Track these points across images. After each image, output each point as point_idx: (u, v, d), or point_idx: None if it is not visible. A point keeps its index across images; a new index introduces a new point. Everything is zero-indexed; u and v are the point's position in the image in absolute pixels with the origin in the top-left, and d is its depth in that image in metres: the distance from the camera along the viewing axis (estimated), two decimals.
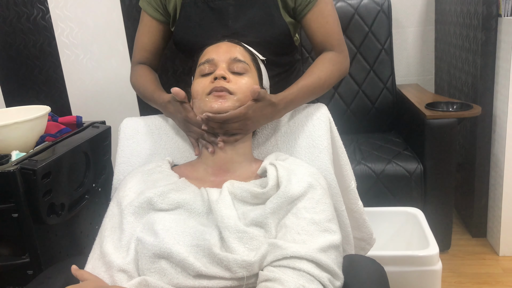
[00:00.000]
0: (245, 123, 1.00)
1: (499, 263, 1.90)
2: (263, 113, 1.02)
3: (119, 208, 0.95)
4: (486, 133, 1.94)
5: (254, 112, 1.00)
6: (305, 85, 1.10)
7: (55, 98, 2.05)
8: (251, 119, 1.00)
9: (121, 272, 0.85)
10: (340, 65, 1.17)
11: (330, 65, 1.14)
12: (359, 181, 1.27)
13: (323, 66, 1.14)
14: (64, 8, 1.94)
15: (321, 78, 1.12)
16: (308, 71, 1.13)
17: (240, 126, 1.00)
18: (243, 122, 1.00)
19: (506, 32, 1.75)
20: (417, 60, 2.51)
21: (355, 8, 2.21)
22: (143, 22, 1.28)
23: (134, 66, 1.29)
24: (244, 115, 0.99)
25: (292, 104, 1.08)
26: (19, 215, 1.15)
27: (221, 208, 0.89)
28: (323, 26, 1.18)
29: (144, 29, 1.28)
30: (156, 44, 1.29)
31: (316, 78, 1.11)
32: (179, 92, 1.04)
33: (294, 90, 1.08)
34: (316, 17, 1.18)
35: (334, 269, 0.84)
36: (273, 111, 1.03)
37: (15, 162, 1.17)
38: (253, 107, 0.99)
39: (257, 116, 1.01)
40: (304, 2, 1.17)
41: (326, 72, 1.13)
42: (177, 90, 1.04)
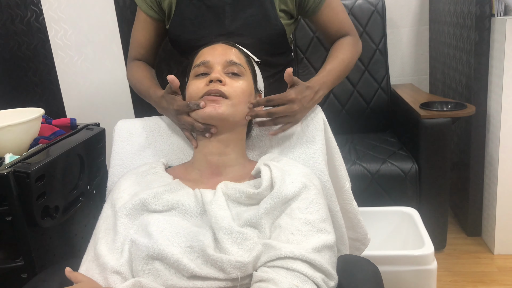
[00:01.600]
0: (291, 107, 1.03)
1: (494, 262, 1.90)
2: (304, 96, 1.05)
3: (113, 210, 0.95)
4: (480, 132, 1.94)
5: (297, 94, 1.03)
6: (332, 68, 1.16)
7: (49, 100, 2.04)
8: (296, 101, 1.03)
9: (115, 273, 0.85)
10: (357, 47, 1.26)
11: (350, 47, 1.23)
12: (354, 181, 1.28)
13: (344, 49, 1.22)
14: (58, 10, 1.94)
15: (345, 60, 1.19)
16: (332, 56, 1.21)
17: (287, 110, 1.03)
18: (289, 106, 1.02)
19: (499, 32, 1.76)
20: (412, 60, 2.52)
21: (350, 9, 2.21)
22: (139, 18, 1.29)
23: (130, 63, 1.30)
24: (287, 97, 1.02)
25: (325, 86, 1.12)
26: (13, 218, 1.14)
27: (215, 209, 0.89)
28: (336, 18, 1.25)
29: (139, 26, 1.29)
30: (151, 41, 1.29)
31: (340, 61, 1.18)
32: (174, 79, 1.04)
33: (324, 73, 1.14)
34: (328, 11, 1.24)
35: (328, 269, 0.84)
36: (311, 93, 1.07)
37: (8, 165, 1.16)
38: (293, 90, 1.03)
39: (300, 99, 1.03)
40: (314, 5, 1.22)
41: (348, 54, 1.21)
42: (172, 77, 1.04)
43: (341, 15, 1.25)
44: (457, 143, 2.13)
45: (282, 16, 1.21)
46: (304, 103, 1.05)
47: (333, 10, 1.24)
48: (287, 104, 1.03)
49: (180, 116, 1.05)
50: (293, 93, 1.02)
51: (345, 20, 1.26)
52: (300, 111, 1.06)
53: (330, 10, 1.24)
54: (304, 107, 1.06)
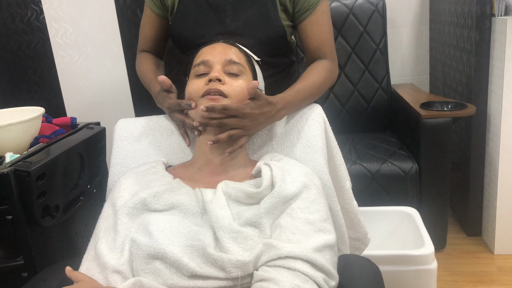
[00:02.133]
0: (243, 121, 0.99)
1: (494, 262, 1.90)
2: (262, 112, 1.01)
3: (114, 209, 0.95)
4: (480, 132, 1.94)
5: (252, 109, 0.99)
6: (301, 88, 1.11)
7: (49, 99, 2.04)
8: (249, 117, 0.99)
9: (115, 273, 0.85)
10: (332, 73, 1.20)
11: (324, 71, 1.17)
12: (354, 180, 1.28)
13: (317, 72, 1.17)
14: (58, 9, 1.94)
15: (316, 83, 1.14)
16: (304, 76, 1.16)
17: (239, 124, 0.99)
18: (240, 120, 0.98)
19: (500, 32, 1.76)
20: (412, 60, 2.52)
21: (350, 8, 2.21)
22: (145, 13, 1.30)
23: (139, 54, 1.33)
24: (241, 110, 0.97)
25: (290, 105, 1.08)
26: (13, 217, 1.14)
27: (216, 208, 0.89)
28: (318, 34, 1.20)
29: (146, 20, 1.31)
30: (157, 36, 1.31)
31: (311, 83, 1.14)
32: (165, 80, 1.07)
33: (291, 92, 1.09)
34: (313, 24, 1.20)
35: (329, 268, 0.84)
36: (272, 110, 1.03)
37: (9, 164, 1.16)
38: (250, 104, 0.99)
39: (255, 114, 0.99)
40: (303, 9, 1.19)
41: (321, 78, 1.16)
42: (163, 78, 1.06)
43: (324, 35, 1.20)
44: (458, 143, 2.13)
45: (283, 18, 1.21)
46: (260, 119, 1.01)
47: (319, 27, 1.20)
48: (239, 118, 0.98)
49: (172, 114, 1.08)
50: (248, 108, 0.98)
51: (326, 42, 1.21)
52: (254, 126, 1.02)
53: (315, 25, 1.19)
54: (259, 123, 1.02)
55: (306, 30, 1.21)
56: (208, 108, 0.96)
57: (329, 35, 1.21)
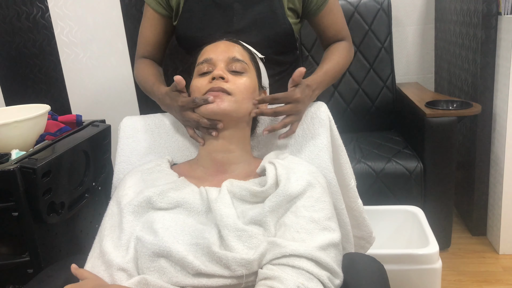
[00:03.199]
0: (297, 107, 1.04)
1: (499, 262, 1.90)
2: (306, 95, 1.06)
3: (119, 207, 0.95)
4: (486, 132, 1.94)
5: (301, 94, 1.04)
6: (329, 69, 1.19)
7: (55, 97, 2.05)
8: (301, 101, 1.04)
9: (120, 271, 0.85)
10: (351, 52, 1.30)
11: (345, 52, 1.26)
12: (359, 179, 1.27)
13: (339, 52, 1.25)
14: (63, 7, 1.94)
15: (340, 62, 1.22)
16: (328, 58, 1.23)
17: (292, 109, 1.04)
18: (294, 106, 1.04)
19: (506, 30, 1.75)
20: (417, 59, 2.51)
21: (355, 7, 2.21)
22: (146, 16, 1.28)
23: (138, 60, 1.31)
24: (293, 96, 1.03)
25: (321, 85, 1.14)
26: (19, 214, 1.15)
27: (220, 206, 0.89)
28: (335, 22, 1.28)
29: (147, 23, 1.28)
30: (158, 38, 1.29)
31: (336, 63, 1.21)
32: (180, 80, 1.03)
33: (321, 73, 1.16)
34: (328, 14, 1.26)
35: (334, 267, 0.84)
36: (309, 92, 1.08)
37: (15, 161, 1.17)
38: (297, 90, 1.04)
39: (302, 97, 1.05)
40: (317, 5, 1.23)
41: (343, 58, 1.24)
42: (179, 78, 1.03)
43: (339, 21, 1.28)
44: (463, 142, 2.12)
45: (290, 15, 1.21)
46: (306, 102, 1.08)
47: (334, 15, 1.27)
48: (293, 104, 1.04)
49: (184, 113, 1.04)
50: (298, 92, 1.04)
51: (343, 26, 1.29)
52: (304, 110, 1.09)
53: (330, 14, 1.26)
54: (305, 106, 1.09)
55: (323, 22, 1.27)
56: (259, 101, 1.02)
57: (343, 19, 1.30)
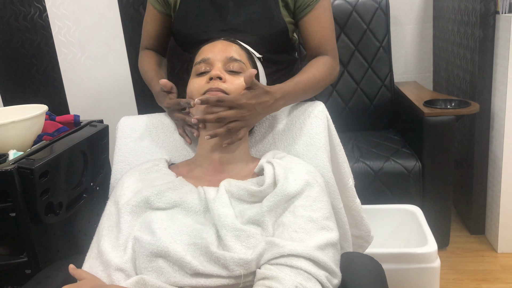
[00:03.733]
0: (241, 112, 0.97)
1: (498, 260, 1.90)
2: (259, 101, 0.99)
3: (116, 207, 0.95)
4: (484, 130, 1.94)
5: (249, 99, 0.97)
6: (301, 81, 1.10)
7: (53, 97, 2.05)
8: (246, 107, 0.97)
9: (118, 271, 0.85)
10: (333, 69, 1.19)
11: (325, 67, 1.16)
12: (357, 178, 1.27)
13: (318, 67, 1.16)
14: (61, 7, 1.94)
15: (316, 77, 1.13)
16: (304, 70, 1.15)
17: (236, 115, 0.97)
18: (238, 111, 0.97)
19: (504, 29, 1.75)
20: (415, 58, 2.51)
21: (353, 6, 2.21)
22: (148, 10, 1.31)
23: (141, 51, 1.34)
24: (236, 101, 0.96)
25: (289, 96, 1.07)
26: (16, 214, 1.15)
27: (218, 206, 0.89)
28: (320, 30, 1.19)
29: (148, 18, 1.31)
30: (159, 33, 1.32)
31: (312, 76, 1.13)
32: (166, 83, 1.08)
33: (291, 83, 1.08)
34: (313, 21, 1.19)
35: (332, 267, 0.84)
36: (269, 99, 1.01)
37: (12, 161, 1.17)
38: (246, 94, 0.98)
39: (252, 104, 0.98)
40: (303, 5, 1.18)
41: (321, 73, 1.15)
42: (164, 81, 1.08)
43: (325, 32, 1.19)
44: (461, 141, 2.12)
45: (285, 14, 1.21)
46: (258, 109, 1.00)
47: (320, 24, 1.19)
48: (237, 109, 0.97)
49: (171, 113, 1.09)
50: (244, 98, 0.97)
51: (328, 38, 1.20)
52: (252, 117, 1.00)
53: (316, 22, 1.19)
54: (257, 113, 1.00)
55: (307, 27, 1.20)
56: (202, 101, 0.95)
57: (330, 32, 1.20)
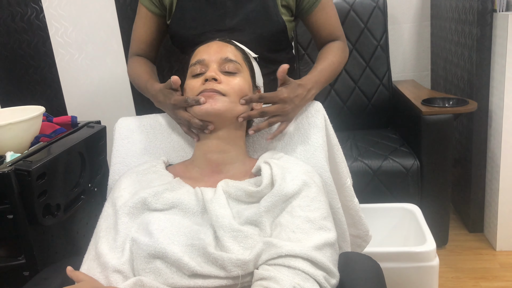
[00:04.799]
0: (283, 107, 1.02)
1: (496, 258, 1.90)
2: (297, 94, 1.04)
3: (114, 209, 0.95)
4: (482, 129, 1.94)
5: (289, 94, 1.02)
6: (323, 68, 1.17)
7: (50, 98, 2.04)
8: (288, 101, 1.02)
9: (116, 272, 0.85)
10: (345, 52, 1.27)
11: (339, 52, 1.24)
12: (355, 177, 1.27)
13: (334, 52, 1.22)
14: (58, 7, 1.93)
15: (335, 62, 1.20)
16: (322, 58, 1.21)
17: (278, 110, 1.02)
18: (280, 106, 1.02)
19: (501, 27, 1.75)
20: (413, 56, 2.51)
21: (351, 5, 2.20)
22: (140, 14, 1.29)
23: (131, 58, 1.31)
24: (279, 96, 1.01)
25: (317, 84, 1.12)
26: (14, 216, 1.14)
27: (216, 207, 0.89)
28: (328, 21, 1.26)
29: (141, 22, 1.29)
30: (152, 37, 1.30)
31: (331, 63, 1.19)
32: (177, 80, 1.03)
33: (316, 72, 1.14)
34: (321, 13, 1.25)
35: (330, 267, 0.84)
36: (303, 91, 1.06)
37: (9, 163, 1.16)
38: (285, 90, 1.02)
39: (292, 97, 1.03)
40: (309, 4, 1.22)
41: (337, 58, 1.22)
42: (176, 78, 1.03)
43: (333, 20, 1.26)
44: (459, 139, 2.12)
45: (284, 13, 1.21)
46: (296, 102, 1.05)
47: (327, 14, 1.25)
48: (279, 104, 1.02)
49: (177, 111, 1.05)
50: (285, 92, 1.02)
51: (336, 25, 1.27)
52: (292, 110, 1.05)
53: (323, 13, 1.25)
54: (296, 106, 1.05)
55: (316, 21, 1.26)
56: (246, 101, 1.00)
57: (337, 19, 1.28)
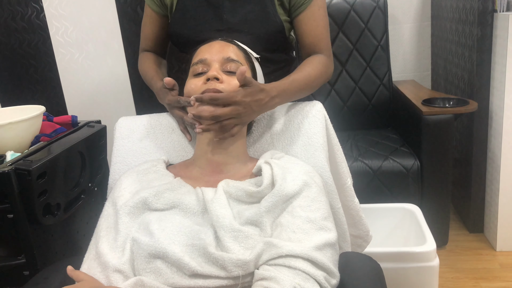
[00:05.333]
0: (236, 109, 0.96)
1: (496, 258, 1.90)
2: (255, 99, 0.98)
3: (114, 208, 0.95)
4: (482, 129, 1.94)
5: (244, 97, 0.96)
6: (296, 79, 1.10)
7: (50, 97, 2.04)
8: (242, 104, 0.96)
9: (116, 272, 0.85)
10: (327, 68, 1.19)
11: (320, 65, 1.17)
12: (356, 177, 1.27)
13: (313, 65, 1.16)
14: (58, 7, 1.93)
15: (311, 75, 1.13)
16: (299, 68, 1.15)
17: (232, 113, 0.96)
18: (233, 108, 0.95)
19: (502, 28, 1.75)
20: (414, 56, 2.51)
21: (351, 5, 2.20)
22: (146, 12, 1.31)
23: (141, 54, 1.34)
24: (231, 98, 0.95)
25: (284, 94, 1.06)
26: (14, 215, 1.15)
27: (216, 207, 0.89)
28: (314, 29, 1.20)
29: (146, 20, 1.31)
30: (157, 35, 1.32)
31: (307, 75, 1.12)
32: (170, 81, 1.08)
33: (286, 81, 1.08)
34: (308, 19, 1.19)
35: (330, 267, 0.84)
36: (265, 97, 1.00)
37: (9, 162, 1.16)
38: (241, 92, 0.96)
39: (247, 102, 0.97)
40: (298, 3, 1.19)
41: (316, 71, 1.15)
42: (168, 79, 1.08)
43: (320, 31, 1.20)
44: (459, 139, 2.12)
45: (281, 13, 1.21)
46: (253, 106, 0.98)
47: (315, 22, 1.19)
48: (232, 106, 0.95)
49: (171, 110, 1.11)
50: (239, 95, 0.95)
51: (323, 37, 1.20)
52: (247, 114, 0.99)
53: (311, 19, 1.19)
54: (252, 111, 0.99)
55: (301, 25, 1.20)
56: (197, 99, 0.95)
57: (325, 31, 1.21)
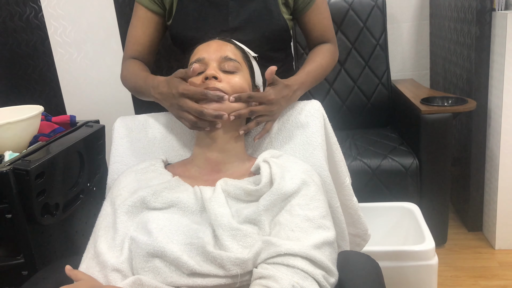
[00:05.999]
0: (270, 107, 1.03)
1: (495, 257, 1.90)
2: (283, 95, 1.05)
3: (113, 208, 0.94)
4: (481, 127, 1.94)
5: (276, 95, 1.03)
6: (311, 70, 1.18)
7: (49, 97, 2.04)
8: (275, 103, 1.03)
9: (115, 271, 0.85)
10: (335, 55, 1.29)
11: (329, 54, 1.25)
12: (354, 176, 1.27)
13: (323, 54, 1.24)
14: (56, 7, 1.93)
15: (323, 65, 1.22)
16: (311, 59, 1.22)
17: (266, 110, 1.02)
18: (268, 106, 1.02)
19: (500, 26, 1.75)
20: (412, 55, 2.51)
21: (350, 4, 2.20)
22: (137, 14, 1.25)
23: (125, 61, 1.24)
24: (267, 97, 1.02)
25: (303, 86, 1.13)
26: (13, 215, 1.14)
27: (214, 206, 0.89)
28: (321, 22, 1.27)
29: (138, 22, 1.25)
30: (149, 38, 1.25)
31: (319, 65, 1.21)
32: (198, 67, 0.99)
33: (303, 74, 1.15)
34: (315, 13, 1.26)
35: (328, 265, 0.84)
36: (289, 92, 1.07)
37: (8, 162, 1.16)
38: (272, 90, 1.03)
39: (278, 99, 1.04)
40: (305, 2, 1.24)
41: (326, 60, 1.24)
42: (197, 65, 0.99)
43: (326, 22, 1.28)
44: (458, 138, 2.12)
45: (284, 11, 1.22)
46: (282, 103, 1.06)
47: (321, 15, 1.27)
48: (266, 105, 1.03)
49: (184, 100, 0.97)
50: (272, 93, 1.03)
51: (329, 27, 1.29)
52: (278, 111, 1.07)
53: (317, 14, 1.26)
54: (282, 107, 1.07)
55: (309, 21, 1.27)
56: (236, 99, 0.99)
57: (329, 21, 1.30)
